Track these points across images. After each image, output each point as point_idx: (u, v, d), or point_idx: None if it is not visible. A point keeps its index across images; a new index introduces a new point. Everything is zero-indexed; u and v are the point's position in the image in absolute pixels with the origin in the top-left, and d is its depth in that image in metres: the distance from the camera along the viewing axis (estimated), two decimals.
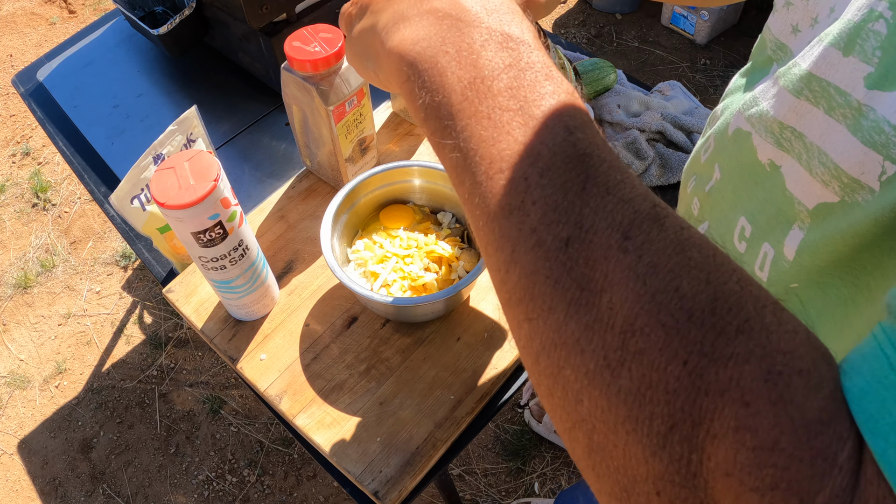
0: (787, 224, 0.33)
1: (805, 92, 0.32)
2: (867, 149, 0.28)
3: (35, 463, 1.38)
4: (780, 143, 0.34)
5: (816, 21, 0.33)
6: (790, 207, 0.33)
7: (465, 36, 0.27)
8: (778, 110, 0.34)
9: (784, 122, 0.33)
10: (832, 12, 0.32)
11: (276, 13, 0.81)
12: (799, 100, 0.32)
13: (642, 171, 0.80)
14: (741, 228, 0.37)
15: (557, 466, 1.30)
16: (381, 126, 0.83)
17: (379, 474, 0.57)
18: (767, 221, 0.35)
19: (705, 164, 0.42)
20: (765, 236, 0.35)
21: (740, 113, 0.38)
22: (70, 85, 0.99)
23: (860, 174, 0.28)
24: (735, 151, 0.38)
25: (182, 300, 0.68)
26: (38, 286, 1.65)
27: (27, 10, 2.35)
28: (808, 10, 0.34)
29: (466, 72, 0.26)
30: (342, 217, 0.65)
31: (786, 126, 0.33)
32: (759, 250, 0.36)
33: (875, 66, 0.28)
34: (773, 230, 0.35)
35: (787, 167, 0.33)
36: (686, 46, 2.07)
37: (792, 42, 0.35)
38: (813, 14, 0.33)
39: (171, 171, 0.52)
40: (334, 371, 0.63)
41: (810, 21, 0.34)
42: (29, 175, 1.88)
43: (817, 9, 0.33)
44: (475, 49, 0.26)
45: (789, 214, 0.33)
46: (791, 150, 0.33)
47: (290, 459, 1.35)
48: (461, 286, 0.58)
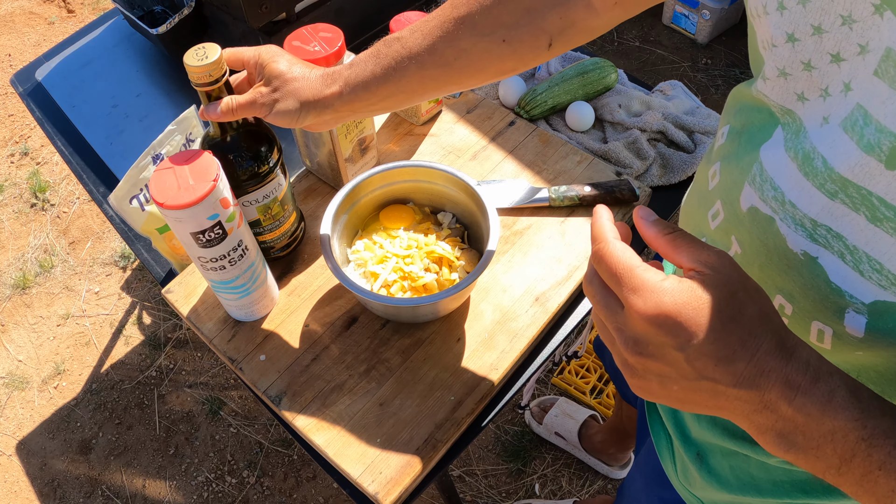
0: (840, 309, 0.32)
1: (840, 195, 0.30)
2: None
3: (34, 464, 1.38)
4: (815, 238, 0.32)
5: (828, 93, 0.31)
6: (840, 297, 0.32)
7: None
8: (808, 207, 0.32)
9: (817, 220, 0.32)
10: (849, 90, 0.30)
11: (275, 12, 0.81)
12: (833, 202, 0.31)
13: (643, 171, 0.80)
14: (780, 306, 0.35)
15: (558, 468, 1.30)
16: (381, 126, 0.83)
17: (379, 475, 0.56)
18: (813, 304, 0.33)
19: (718, 232, 0.39)
20: (813, 316, 0.34)
21: (752, 189, 0.36)
22: (69, 84, 0.99)
23: None
24: (757, 232, 0.36)
25: (181, 301, 0.68)
26: (37, 287, 1.64)
27: (26, 10, 2.34)
28: (814, 81, 0.32)
29: None
30: (342, 217, 0.65)
31: (819, 224, 0.32)
32: (810, 327, 0.34)
33: None
34: (821, 312, 0.33)
35: (827, 261, 0.32)
36: (687, 46, 2.07)
37: (800, 109, 0.33)
38: (821, 85, 0.31)
39: (170, 171, 0.52)
40: (334, 372, 0.62)
41: (819, 91, 0.32)
42: (27, 175, 1.87)
43: (825, 81, 0.31)
44: None
45: (840, 303, 0.32)
46: (830, 247, 0.32)
47: (289, 461, 1.35)
48: (461, 287, 0.58)
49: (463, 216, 0.69)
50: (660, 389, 0.32)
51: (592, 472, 1.29)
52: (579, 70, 0.85)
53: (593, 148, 0.82)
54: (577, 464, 1.30)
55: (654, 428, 0.57)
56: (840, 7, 0.29)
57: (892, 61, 0.27)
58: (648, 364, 0.31)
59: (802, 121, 0.33)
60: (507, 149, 0.79)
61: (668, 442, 0.55)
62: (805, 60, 0.32)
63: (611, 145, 0.80)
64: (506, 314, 0.65)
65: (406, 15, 0.73)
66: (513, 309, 0.66)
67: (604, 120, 0.85)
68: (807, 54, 0.31)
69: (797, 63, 0.32)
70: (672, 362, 0.30)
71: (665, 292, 0.30)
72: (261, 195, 0.61)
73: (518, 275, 0.68)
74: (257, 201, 0.61)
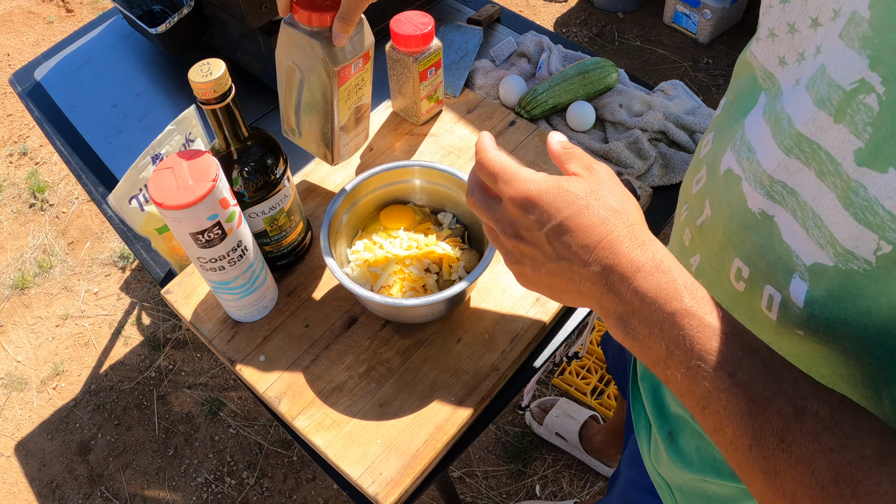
0: (788, 272, 0.33)
1: (795, 151, 0.31)
2: (861, 226, 0.28)
3: (32, 465, 1.37)
4: (772, 195, 0.33)
5: (803, 57, 0.32)
6: (789, 258, 0.32)
7: None
8: (767, 163, 0.33)
9: (774, 177, 0.32)
10: (818, 53, 0.31)
11: (274, 12, 0.81)
12: (789, 157, 0.31)
13: (644, 171, 0.80)
14: (737, 269, 0.36)
15: (559, 469, 1.30)
16: (380, 126, 0.82)
17: (379, 476, 0.56)
18: (767, 266, 0.34)
19: (696, 197, 0.41)
20: (766, 279, 0.34)
21: (732, 152, 0.36)
22: (68, 84, 0.99)
23: (854, 248, 0.28)
24: (725, 193, 0.36)
25: (180, 301, 0.68)
26: (36, 287, 1.64)
27: (24, 9, 2.34)
28: (794, 45, 0.33)
29: None
30: (342, 217, 0.65)
31: (776, 180, 0.32)
32: (763, 292, 0.35)
33: (865, 142, 0.27)
34: (774, 275, 0.34)
35: (781, 219, 0.33)
36: (688, 45, 2.07)
37: (780, 73, 0.34)
38: (799, 49, 0.32)
39: (169, 171, 0.52)
40: (334, 372, 0.62)
41: (797, 55, 0.33)
42: (26, 175, 1.87)
43: (803, 45, 0.32)
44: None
45: (789, 265, 0.33)
46: (784, 203, 0.32)
47: (289, 462, 1.35)
48: (462, 287, 0.58)
49: (463, 216, 0.68)
50: (534, 274, 0.36)
51: (593, 472, 1.29)
52: (580, 70, 0.84)
53: (594, 148, 0.81)
54: (578, 465, 1.29)
55: (636, 408, 0.58)
56: None
57: (853, 24, 0.27)
58: (521, 247, 0.35)
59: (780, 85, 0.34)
60: (507, 149, 0.79)
61: (647, 422, 0.56)
62: (791, 22, 0.32)
63: (612, 145, 0.80)
64: (506, 315, 0.65)
65: (406, 14, 0.73)
66: (513, 309, 0.66)
67: (605, 120, 0.85)
68: (793, 16, 0.32)
69: (784, 24, 0.33)
70: (538, 243, 0.34)
71: (532, 181, 0.35)
72: (267, 206, 0.60)
73: None
74: (264, 213, 0.61)
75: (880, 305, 0.28)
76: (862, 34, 0.27)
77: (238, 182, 0.58)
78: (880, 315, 0.28)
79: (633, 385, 0.59)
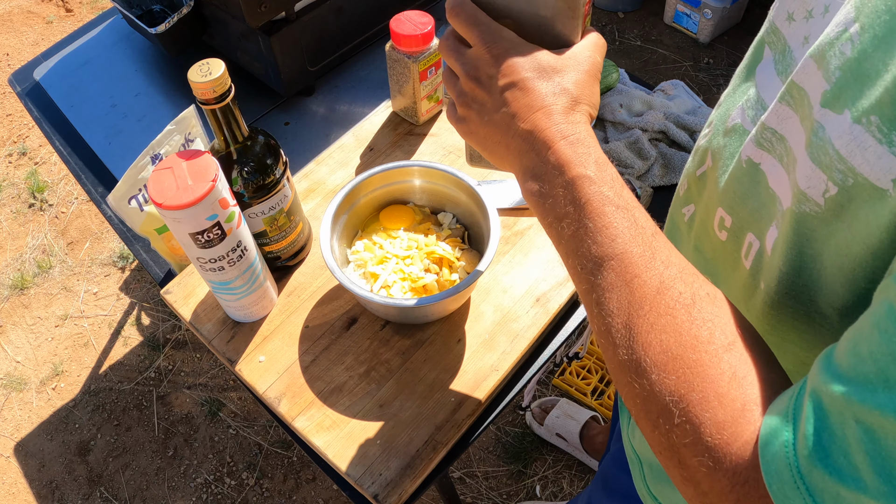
0: (770, 219, 0.34)
1: (787, 97, 0.32)
2: (814, 166, 0.28)
3: (32, 466, 1.37)
4: (760, 143, 0.34)
5: (811, 15, 0.33)
6: (772, 204, 0.33)
7: None
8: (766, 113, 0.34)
9: (766, 124, 0.33)
10: (826, 12, 0.31)
11: (274, 11, 0.81)
12: (781, 104, 0.32)
13: (644, 171, 0.80)
14: (720, 219, 0.38)
15: (559, 469, 1.30)
16: (380, 126, 0.82)
17: (379, 477, 0.56)
18: (750, 214, 0.35)
19: (699, 150, 0.43)
20: (748, 227, 0.36)
21: (742, 109, 0.38)
22: (67, 84, 0.99)
23: (807, 188, 0.29)
24: (729, 146, 0.38)
25: (180, 301, 0.68)
26: (35, 287, 1.64)
27: (24, 9, 2.34)
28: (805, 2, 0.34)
29: None
30: (342, 217, 0.65)
31: (767, 127, 0.33)
32: (744, 240, 0.36)
33: (832, 85, 0.28)
34: (756, 222, 0.35)
35: (768, 165, 0.34)
36: (689, 45, 2.06)
37: (786, 29, 0.35)
38: (808, 6, 0.33)
39: (168, 172, 0.52)
40: (334, 373, 0.62)
41: (805, 13, 0.33)
42: (25, 175, 1.87)
43: (812, 2, 0.33)
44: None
45: (772, 211, 0.34)
46: (772, 150, 0.33)
47: (289, 462, 1.35)
48: (462, 287, 0.58)
49: (463, 216, 0.68)
50: (477, 120, 0.38)
51: (594, 473, 1.28)
52: None
53: None
54: (579, 465, 1.29)
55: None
56: None
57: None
58: (477, 92, 0.38)
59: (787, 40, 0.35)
60: None
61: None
62: None
63: (612, 145, 0.80)
64: (506, 315, 0.65)
65: (406, 14, 0.73)
66: (513, 310, 0.65)
67: (605, 120, 0.85)
68: None
69: None
70: (492, 91, 0.37)
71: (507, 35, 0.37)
72: (267, 207, 0.60)
73: (519, 275, 0.68)
74: (263, 213, 0.61)
75: (829, 250, 0.29)
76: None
77: (238, 182, 0.58)
78: (829, 262, 0.29)
79: None
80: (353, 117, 0.90)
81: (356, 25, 0.94)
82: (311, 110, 0.92)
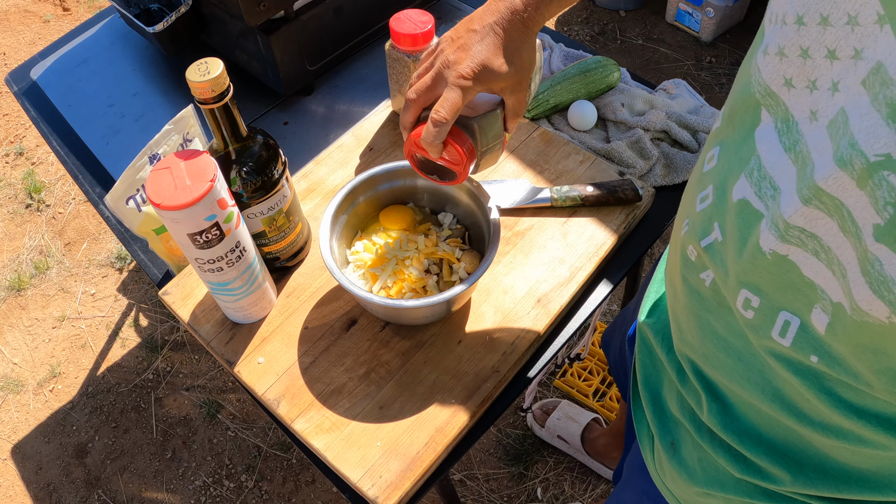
0: (809, 302, 0.32)
1: (815, 202, 0.30)
2: (874, 296, 0.28)
3: (29, 468, 1.36)
4: (786, 238, 0.32)
5: (815, 87, 0.31)
6: (811, 291, 0.32)
7: None
8: (785, 208, 0.32)
9: (790, 223, 0.32)
10: (836, 91, 0.29)
11: (273, 10, 0.80)
12: (808, 207, 0.31)
13: (647, 170, 0.79)
14: (745, 299, 0.36)
15: (560, 472, 1.29)
16: (380, 125, 0.82)
17: (379, 479, 0.56)
18: (782, 295, 0.34)
19: (701, 215, 0.40)
20: (781, 307, 0.34)
21: (748, 182, 0.35)
22: (64, 84, 0.98)
23: (868, 309, 0.29)
24: (741, 224, 0.36)
25: (178, 303, 0.67)
26: (32, 288, 1.63)
27: (20, 8, 2.33)
28: (805, 71, 0.31)
29: None
30: (341, 218, 0.64)
31: (792, 226, 0.32)
32: (776, 318, 0.35)
33: (885, 220, 0.26)
34: (790, 303, 0.34)
35: (799, 257, 0.32)
36: (691, 44, 2.06)
37: (785, 95, 0.33)
38: (811, 76, 0.31)
39: (166, 172, 0.51)
40: (333, 374, 0.62)
41: (807, 82, 0.31)
42: (22, 175, 1.86)
43: (815, 73, 0.31)
44: None
45: (811, 297, 0.32)
46: (803, 246, 0.32)
47: (288, 464, 1.34)
48: (462, 288, 0.57)
49: (464, 217, 0.68)
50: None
51: (595, 476, 1.28)
52: (581, 69, 0.84)
53: (596, 147, 0.81)
54: (580, 468, 1.29)
55: (638, 415, 0.57)
56: (850, 5, 0.28)
57: (879, 77, 0.27)
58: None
59: (788, 108, 0.33)
60: (508, 148, 0.78)
61: (649, 430, 0.56)
62: (804, 47, 0.31)
63: (614, 145, 0.79)
64: (507, 316, 0.65)
65: (406, 13, 0.72)
66: (514, 311, 0.65)
67: (606, 119, 0.84)
68: (807, 41, 0.31)
69: (796, 47, 0.32)
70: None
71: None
72: (266, 207, 0.60)
73: (519, 276, 0.67)
74: (262, 213, 0.60)
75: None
76: (890, 100, 0.26)
77: (236, 182, 0.57)
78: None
79: (633, 392, 0.59)
80: (352, 117, 0.89)
81: (356, 24, 0.93)
82: (310, 110, 0.91)
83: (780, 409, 0.38)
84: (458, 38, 0.50)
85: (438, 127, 0.49)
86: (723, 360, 0.41)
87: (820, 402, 0.35)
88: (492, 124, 0.53)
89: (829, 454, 0.39)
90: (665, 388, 0.52)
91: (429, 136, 0.50)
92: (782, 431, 0.40)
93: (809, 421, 0.37)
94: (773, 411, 0.39)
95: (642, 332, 0.55)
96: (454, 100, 0.49)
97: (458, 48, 0.50)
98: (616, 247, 0.71)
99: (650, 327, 0.53)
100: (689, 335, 0.44)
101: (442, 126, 0.49)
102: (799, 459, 0.40)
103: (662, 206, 0.76)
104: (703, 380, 0.45)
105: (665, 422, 0.52)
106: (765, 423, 0.41)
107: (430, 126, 0.49)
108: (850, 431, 0.36)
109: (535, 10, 0.49)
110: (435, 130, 0.49)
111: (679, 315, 0.45)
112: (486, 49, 0.49)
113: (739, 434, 0.43)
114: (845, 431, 0.36)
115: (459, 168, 0.53)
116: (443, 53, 0.51)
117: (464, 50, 0.49)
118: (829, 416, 0.36)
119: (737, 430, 0.43)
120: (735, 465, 0.44)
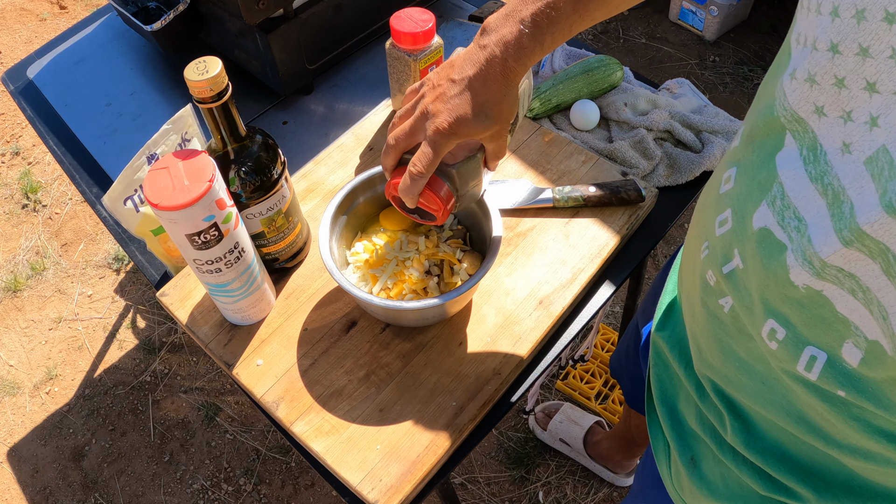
0: (840, 338, 0.32)
1: (856, 244, 0.29)
2: None
3: (25, 471, 1.35)
4: (822, 276, 0.32)
5: (850, 118, 0.30)
6: (845, 327, 0.31)
7: None
8: (821, 247, 0.31)
9: (826, 262, 0.31)
10: (874, 125, 0.28)
11: (272, 8, 0.80)
12: (849, 249, 0.30)
13: (650, 171, 0.78)
14: (770, 329, 0.36)
15: (562, 475, 1.28)
16: (380, 125, 0.81)
17: (379, 483, 0.55)
18: (810, 330, 0.33)
19: (721, 240, 0.39)
20: (808, 341, 0.34)
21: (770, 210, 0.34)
22: (61, 83, 0.97)
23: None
24: (763, 254, 0.35)
25: (176, 304, 0.67)
26: (28, 289, 1.62)
27: (17, 6, 2.32)
28: (840, 101, 0.30)
29: None
30: (341, 218, 0.64)
31: (829, 265, 0.31)
32: (801, 352, 0.34)
33: None
34: (819, 338, 0.33)
35: (834, 294, 0.31)
36: (694, 43, 2.05)
37: (815, 123, 0.32)
38: (846, 107, 0.30)
39: (164, 172, 0.51)
40: (333, 377, 0.61)
41: (841, 111, 0.30)
42: (19, 175, 1.85)
43: (851, 104, 0.29)
44: None
45: (843, 332, 0.32)
46: (840, 284, 0.31)
47: (287, 468, 1.33)
48: (463, 290, 0.57)
49: (465, 217, 0.67)
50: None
51: (598, 479, 1.27)
52: (584, 68, 0.83)
53: (598, 147, 0.80)
54: (582, 471, 1.28)
55: (653, 430, 0.56)
56: (894, 38, 0.27)
57: None
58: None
59: (817, 136, 0.32)
60: (509, 148, 0.77)
61: (666, 445, 0.55)
62: (840, 77, 0.30)
63: (616, 145, 0.79)
64: (509, 317, 0.64)
65: (407, 11, 0.72)
66: (516, 312, 0.64)
67: (609, 119, 0.84)
68: (843, 71, 0.30)
69: (830, 76, 0.30)
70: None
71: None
72: (265, 207, 0.59)
73: (521, 277, 0.67)
74: (261, 214, 0.60)
75: None
76: None
77: (235, 182, 0.56)
78: None
79: (648, 407, 0.58)
80: (352, 116, 0.89)
81: (355, 23, 0.93)
82: (309, 109, 0.91)
83: (805, 432, 0.38)
84: (439, 87, 0.48)
85: (415, 181, 0.49)
86: (745, 383, 0.40)
87: (848, 427, 0.35)
88: (471, 171, 0.53)
89: (856, 472, 0.38)
90: (682, 402, 0.51)
91: (405, 188, 0.50)
92: (807, 451, 0.40)
93: (836, 444, 0.37)
94: (798, 433, 0.38)
95: (657, 345, 0.54)
96: (430, 155, 0.48)
97: (437, 98, 0.48)
98: (619, 248, 0.70)
99: (665, 341, 0.52)
100: (709, 357, 0.43)
101: (418, 180, 0.49)
102: (825, 478, 0.40)
103: (666, 207, 0.75)
104: (724, 399, 0.44)
105: (684, 437, 0.51)
106: (790, 441, 0.40)
107: (407, 178, 0.49)
108: (878, 454, 0.35)
109: (515, 61, 0.46)
110: (411, 183, 0.49)
111: (698, 336, 0.45)
112: (464, 103, 0.47)
113: (763, 453, 0.42)
114: (874, 454, 0.35)
115: (438, 214, 0.52)
116: (424, 99, 0.49)
117: (442, 101, 0.47)
118: (858, 440, 0.35)
119: (761, 448, 0.42)
120: (760, 482, 0.43)
